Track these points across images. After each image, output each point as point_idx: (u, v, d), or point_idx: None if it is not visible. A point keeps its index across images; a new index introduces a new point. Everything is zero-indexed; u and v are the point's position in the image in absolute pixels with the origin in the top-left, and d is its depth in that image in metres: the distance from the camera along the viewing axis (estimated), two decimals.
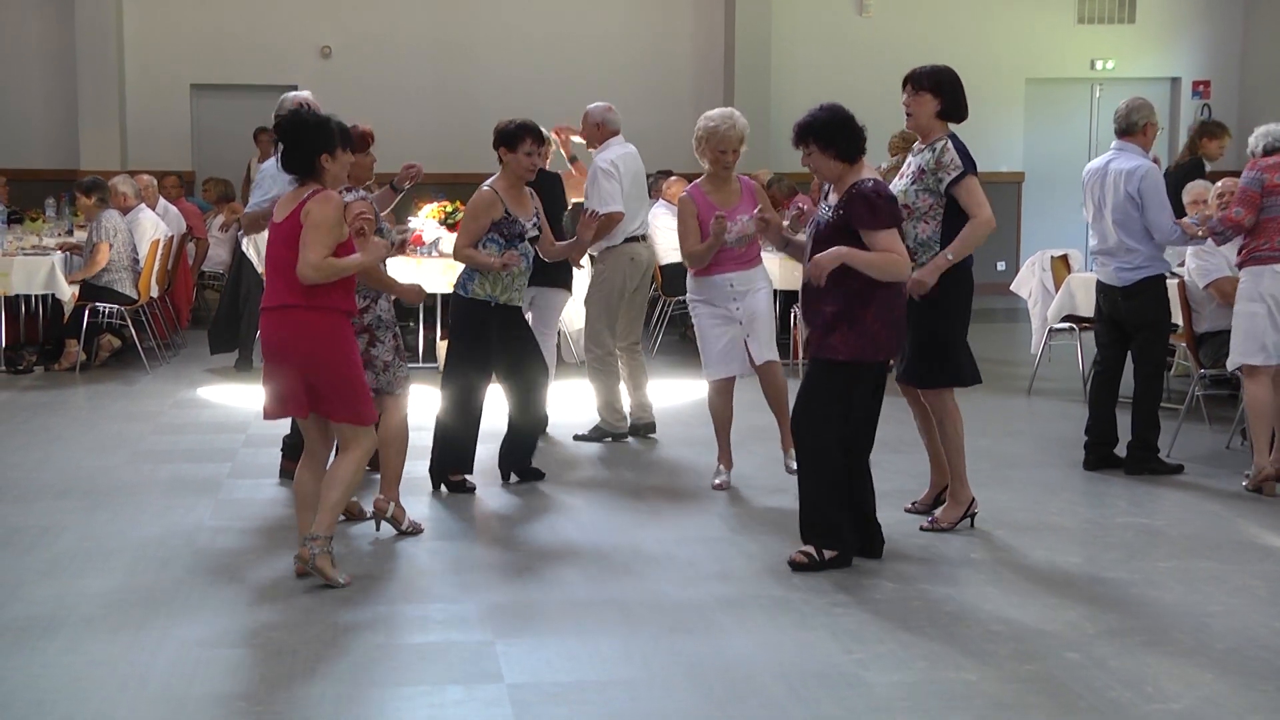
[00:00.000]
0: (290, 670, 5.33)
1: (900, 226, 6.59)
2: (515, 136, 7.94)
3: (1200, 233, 8.72)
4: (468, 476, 8.07)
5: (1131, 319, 8.54)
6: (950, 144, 7.10)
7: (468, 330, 7.93)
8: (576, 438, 9.45)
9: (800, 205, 7.37)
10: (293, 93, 8.45)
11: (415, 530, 7.15)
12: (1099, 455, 8.70)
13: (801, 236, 7.06)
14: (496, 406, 8.19)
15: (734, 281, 8.06)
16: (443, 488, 8.01)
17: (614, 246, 9.43)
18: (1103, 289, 8.68)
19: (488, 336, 7.90)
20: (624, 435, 9.48)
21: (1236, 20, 19.51)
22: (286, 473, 8.15)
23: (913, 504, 7.67)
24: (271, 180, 8.16)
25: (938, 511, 7.39)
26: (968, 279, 7.21)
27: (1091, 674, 5.31)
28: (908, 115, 7.27)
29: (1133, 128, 8.54)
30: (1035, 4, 19.08)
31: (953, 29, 18.74)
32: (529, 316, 8.70)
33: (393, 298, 7.22)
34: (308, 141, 6.29)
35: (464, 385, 7.94)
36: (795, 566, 6.56)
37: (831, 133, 6.59)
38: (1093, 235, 8.73)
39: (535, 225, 8.00)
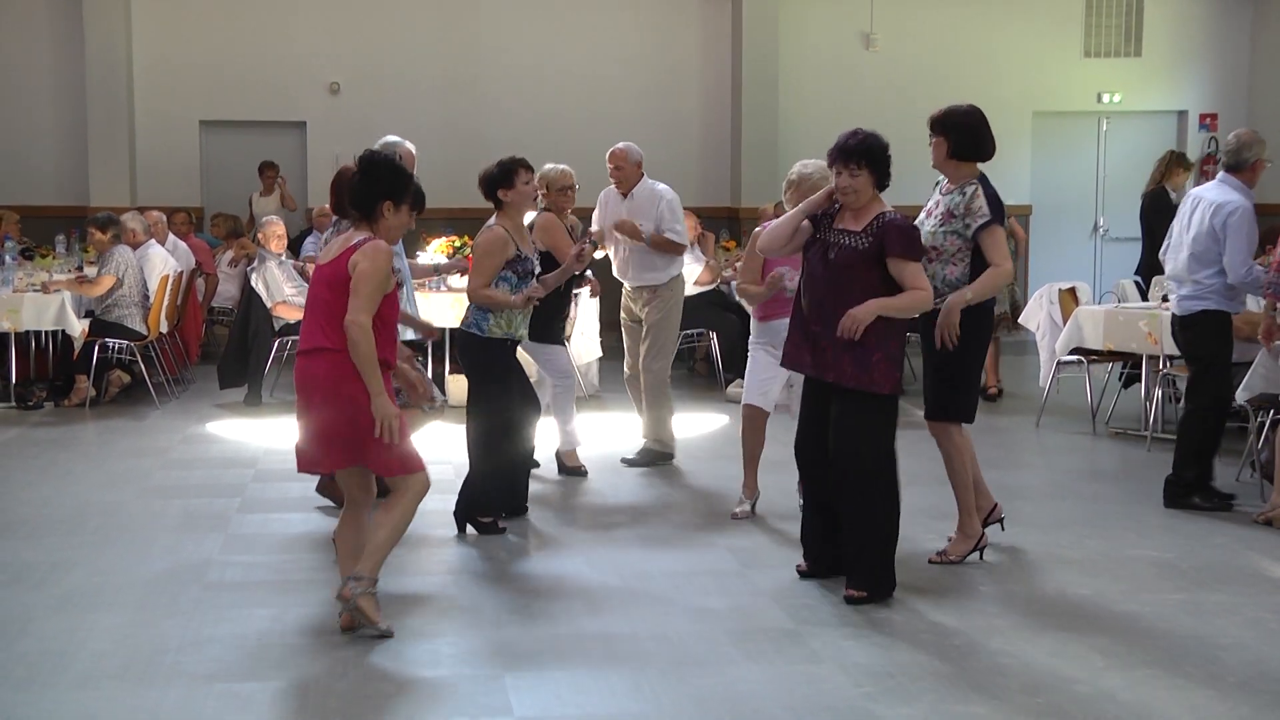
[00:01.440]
0: (300, 705, 5.33)
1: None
2: (510, 172, 7.93)
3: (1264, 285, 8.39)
4: (498, 519, 7.97)
5: (1185, 350, 8.52)
6: (981, 190, 7.08)
7: (494, 370, 7.91)
8: (626, 462, 9.64)
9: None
10: (394, 138, 8.43)
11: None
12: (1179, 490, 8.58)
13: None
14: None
15: None
16: (469, 528, 7.92)
17: (677, 276, 9.79)
18: (1173, 318, 8.70)
19: (511, 374, 7.94)
20: (672, 457, 9.67)
21: (1243, 53, 19.55)
22: (324, 491, 8.29)
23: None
24: None
25: (947, 545, 7.39)
26: (988, 319, 7.27)
27: (1102, 707, 5.30)
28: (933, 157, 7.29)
29: (1242, 164, 8.51)
30: (1042, 37, 19.12)
31: (959, 62, 18.78)
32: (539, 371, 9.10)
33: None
34: (377, 182, 6.11)
35: (503, 425, 7.90)
36: (852, 601, 6.57)
37: (881, 160, 6.73)
38: (1167, 262, 8.67)
39: (536, 259, 8.06)
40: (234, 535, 7.88)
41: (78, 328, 12.03)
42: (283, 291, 12.53)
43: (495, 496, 7.96)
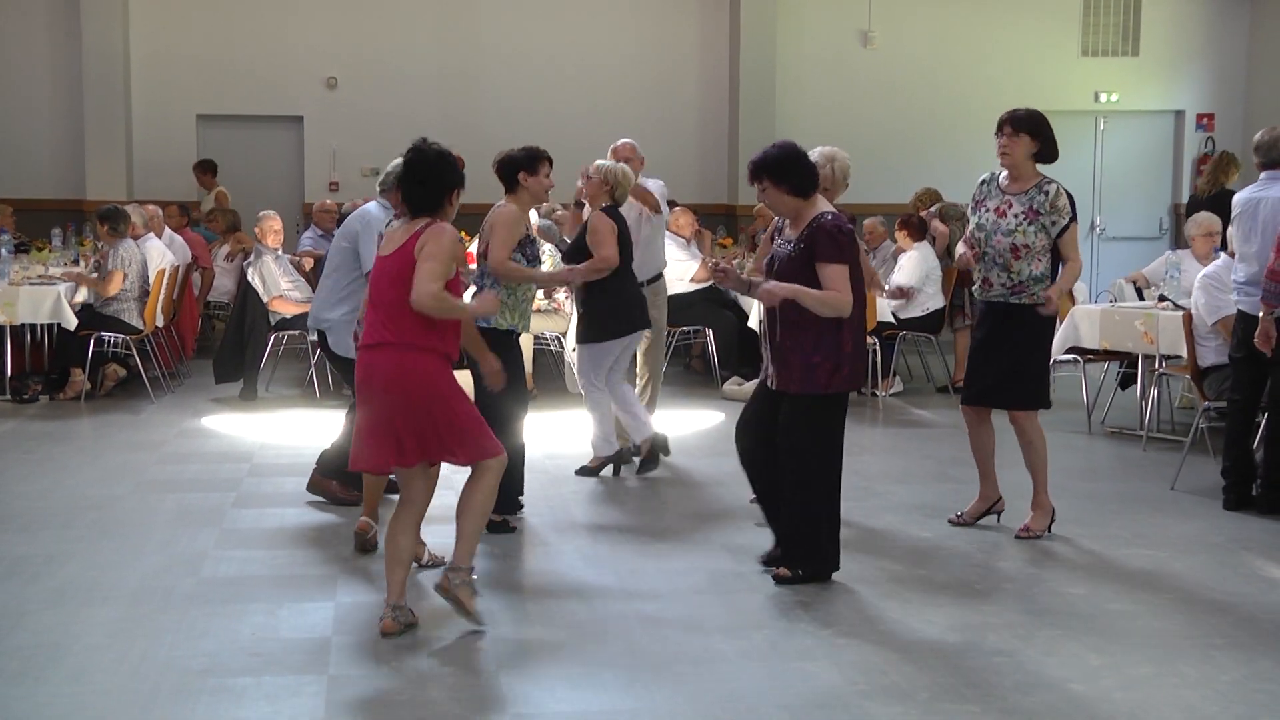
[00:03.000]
0: (293, 701, 5.33)
1: (854, 264, 6.67)
2: (536, 160, 7.90)
3: None
4: (509, 517, 7.94)
5: (1274, 354, 8.35)
6: (1063, 190, 7.63)
7: (505, 365, 7.88)
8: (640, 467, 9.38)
9: (723, 267, 7.40)
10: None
11: (436, 563, 7.02)
12: (1238, 495, 8.48)
13: (760, 278, 7.13)
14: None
15: None
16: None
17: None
18: (1245, 320, 8.47)
19: (515, 368, 7.84)
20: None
21: (1240, 53, 19.56)
22: (315, 488, 8.21)
23: (959, 516, 8.07)
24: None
25: (1029, 521, 7.82)
26: (1051, 318, 7.67)
27: (1096, 706, 5.30)
28: (1003, 155, 7.66)
29: (1278, 160, 8.52)
30: (1039, 36, 19.13)
31: (957, 61, 18.80)
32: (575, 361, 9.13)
33: None
34: (443, 177, 6.06)
35: (517, 424, 7.87)
36: (780, 580, 6.82)
37: (785, 169, 6.76)
38: (1240, 266, 8.55)
39: (539, 248, 8.06)
40: (229, 530, 7.88)
41: (73, 322, 11.99)
42: (279, 286, 12.52)
43: (503, 494, 7.94)
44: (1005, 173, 7.76)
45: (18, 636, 5.99)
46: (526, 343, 10.18)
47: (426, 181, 6.03)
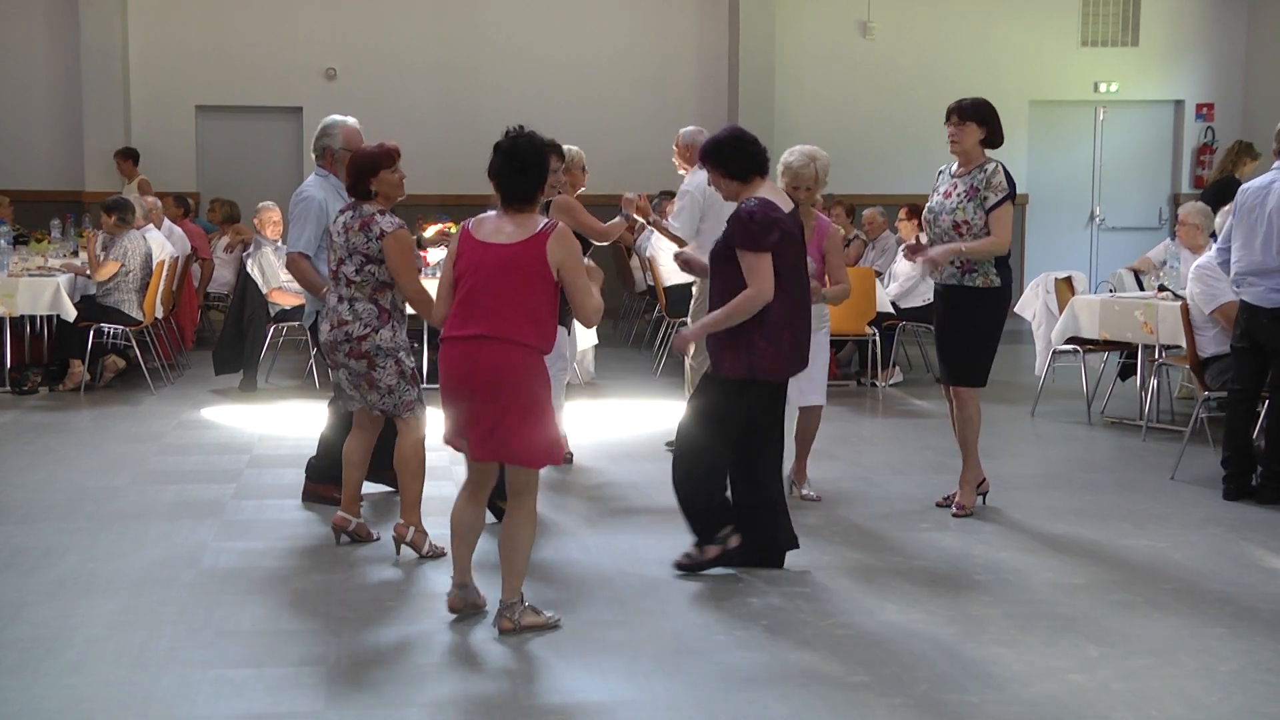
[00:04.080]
0: (293, 693, 5.33)
1: (777, 251, 6.62)
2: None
3: None
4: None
5: (1275, 342, 8.39)
6: (1001, 168, 7.84)
7: None
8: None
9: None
10: (336, 117, 8.26)
11: (436, 554, 7.04)
12: (1238, 485, 8.49)
13: None
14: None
15: None
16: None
17: None
18: (1248, 310, 8.46)
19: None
20: None
21: (1240, 43, 19.55)
22: (312, 495, 8.16)
23: (945, 499, 8.26)
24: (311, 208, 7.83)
25: (958, 498, 8.09)
26: (998, 301, 7.89)
27: (1095, 696, 5.30)
28: (953, 142, 7.94)
29: None
30: (1039, 26, 19.12)
31: (956, 51, 18.80)
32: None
33: (399, 328, 7.07)
34: (543, 166, 5.98)
35: None
36: (681, 568, 6.87)
37: (723, 153, 6.82)
38: (1239, 256, 8.50)
39: None
40: (228, 521, 7.87)
41: (73, 313, 11.97)
42: (278, 277, 12.52)
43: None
44: (957, 161, 8.02)
45: (17, 628, 5.99)
46: None
47: (529, 169, 5.92)
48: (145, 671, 5.50)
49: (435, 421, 8.91)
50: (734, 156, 6.79)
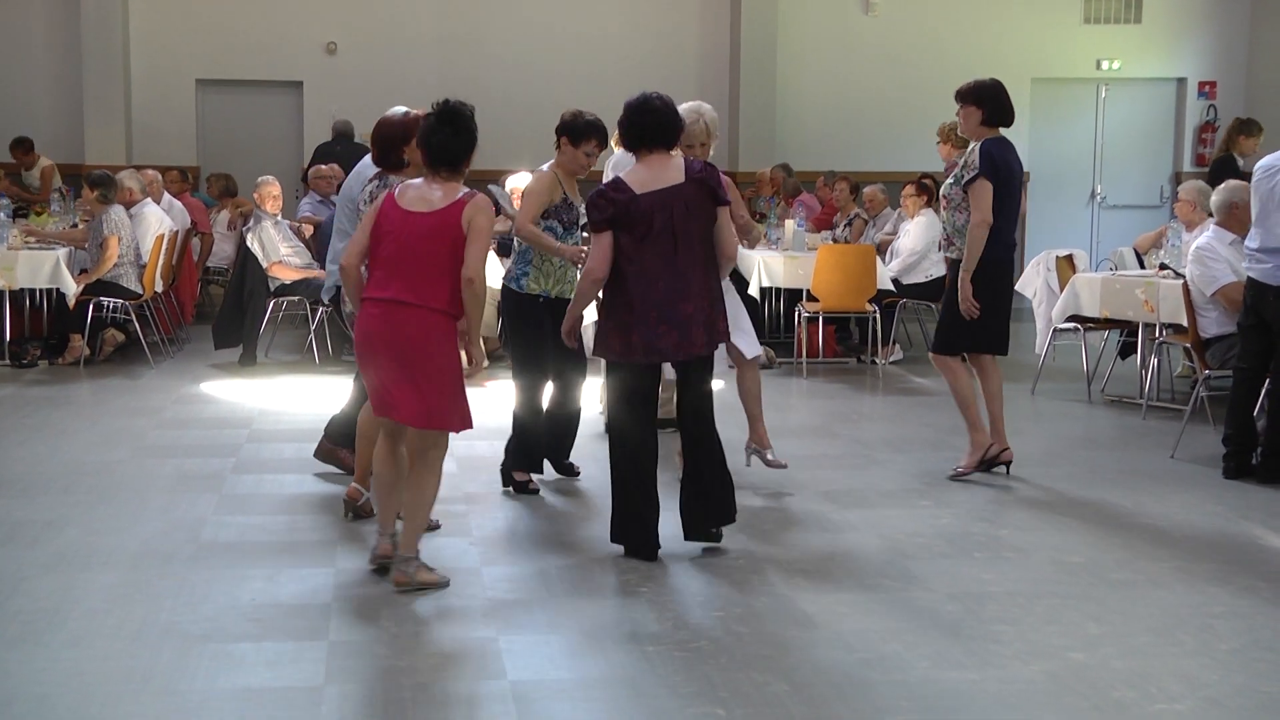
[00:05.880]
0: (293, 665, 5.33)
1: (605, 231, 6.53)
2: (583, 134, 7.80)
3: None
4: (534, 476, 8.00)
5: (1277, 319, 8.33)
6: (979, 149, 8.09)
7: (524, 327, 7.89)
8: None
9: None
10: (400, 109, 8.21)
11: (432, 527, 7.02)
12: (1239, 463, 8.46)
13: None
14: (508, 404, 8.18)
15: None
16: (511, 488, 7.98)
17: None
18: (1255, 287, 8.41)
19: (543, 332, 7.82)
20: None
21: (1243, 21, 19.50)
22: (326, 455, 8.19)
23: (957, 470, 8.42)
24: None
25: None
26: (997, 270, 8.20)
27: (1095, 674, 5.30)
28: (961, 125, 8.29)
29: None
30: (1041, 4, 19.07)
31: (959, 29, 18.75)
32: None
33: None
34: (469, 133, 6.11)
35: (526, 384, 7.92)
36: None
37: (625, 127, 6.75)
38: (1254, 233, 8.43)
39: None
40: (228, 495, 7.87)
41: (72, 286, 11.96)
42: (278, 252, 12.50)
43: (518, 454, 7.97)
44: None
45: (16, 601, 5.98)
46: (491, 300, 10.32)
47: (461, 132, 6.08)
48: (145, 645, 5.49)
49: None
50: (622, 130, 6.76)
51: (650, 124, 6.66)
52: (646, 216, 6.50)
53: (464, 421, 6.14)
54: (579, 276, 7.27)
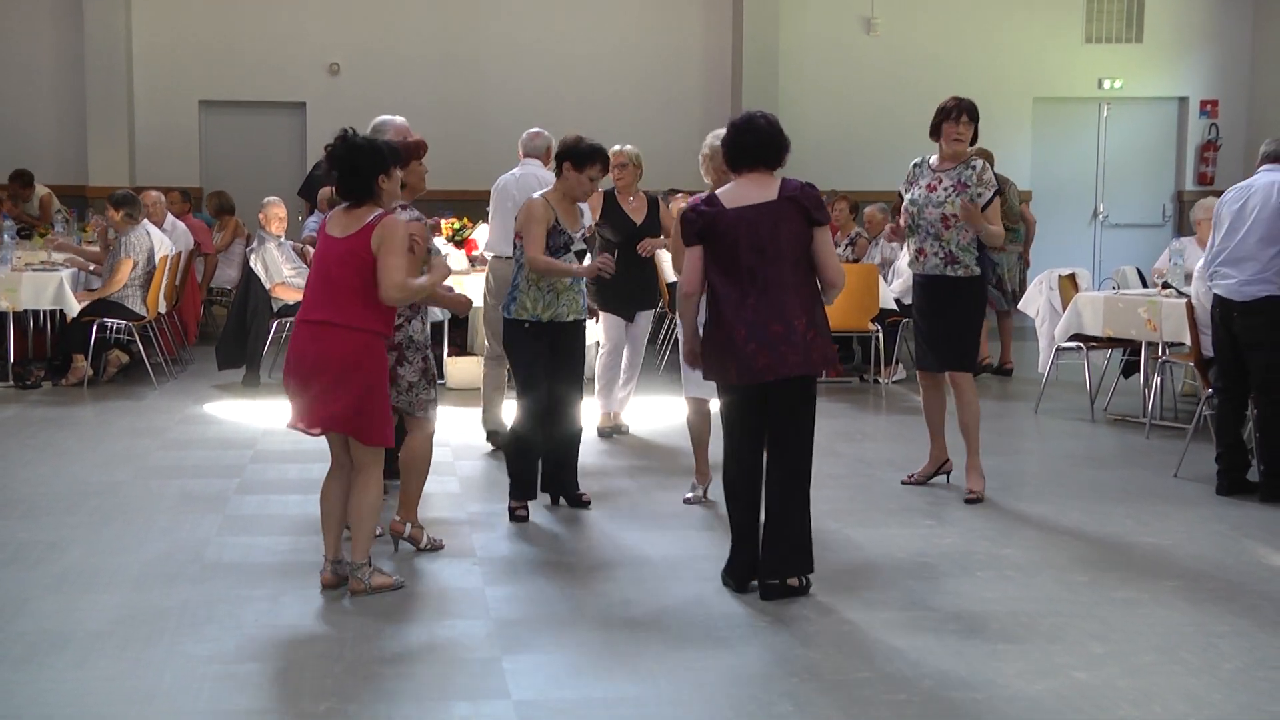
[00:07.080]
0: (296, 687, 5.33)
1: (696, 245, 6.48)
2: (586, 158, 7.87)
3: None
4: (530, 504, 7.93)
5: (1245, 336, 8.38)
6: (989, 166, 8.31)
7: (515, 353, 7.92)
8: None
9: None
10: (384, 117, 8.23)
11: (435, 547, 7.13)
12: (1232, 480, 8.50)
13: None
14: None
15: None
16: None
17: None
18: (1220, 304, 8.51)
19: (534, 358, 7.82)
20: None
21: (1244, 40, 19.54)
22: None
23: (910, 476, 8.75)
24: None
25: (969, 484, 8.38)
26: (981, 290, 8.46)
27: (1099, 693, 5.30)
28: (958, 140, 8.27)
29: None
30: (1043, 23, 19.11)
31: (960, 48, 18.78)
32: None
33: (428, 320, 7.12)
34: (367, 165, 6.31)
35: (520, 408, 7.90)
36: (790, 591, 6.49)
37: (725, 140, 6.70)
38: (1217, 249, 8.52)
39: (584, 239, 7.95)
40: (232, 516, 7.88)
41: (76, 308, 11.98)
42: (281, 273, 12.52)
43: (511, 482, 7.93)
44: (935, 155, 8.36)
45: (21, 623, 5.99)
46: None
47: (359, 170, 6.32)
48: (149, 665, 5.50)
49: (443, 419, 8.96)
50: (725, 148, 6.69)
51: (750, 143, 6.52)
52: (732, 231, 6.38)
53: (385, 438, 6.34)
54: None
